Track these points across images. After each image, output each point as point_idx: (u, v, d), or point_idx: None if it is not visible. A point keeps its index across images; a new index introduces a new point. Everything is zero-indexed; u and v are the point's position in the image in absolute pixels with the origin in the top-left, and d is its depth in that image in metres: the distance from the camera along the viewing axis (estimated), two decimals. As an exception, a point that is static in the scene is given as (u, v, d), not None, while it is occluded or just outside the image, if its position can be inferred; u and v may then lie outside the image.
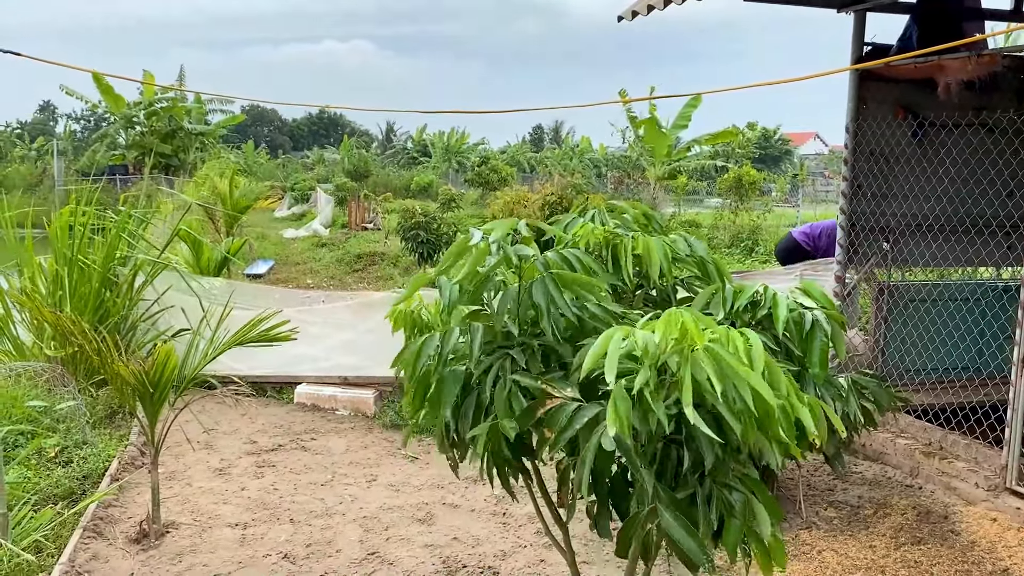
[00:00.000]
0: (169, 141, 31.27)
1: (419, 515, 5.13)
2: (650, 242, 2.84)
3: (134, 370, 4.46)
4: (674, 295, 3.13)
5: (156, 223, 11.02)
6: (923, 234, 6.03)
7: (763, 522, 2.32)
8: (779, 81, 5.47)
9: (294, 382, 7.67)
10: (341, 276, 14.94)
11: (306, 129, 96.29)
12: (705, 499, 2.32)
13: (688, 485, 2.35)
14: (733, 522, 2.32)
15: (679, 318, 2.12)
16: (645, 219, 3.23)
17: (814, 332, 2.95)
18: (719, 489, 2.33)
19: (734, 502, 2.32)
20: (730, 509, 2.32)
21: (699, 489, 2.34)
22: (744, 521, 2.31)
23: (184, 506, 5.23)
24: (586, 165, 53.14)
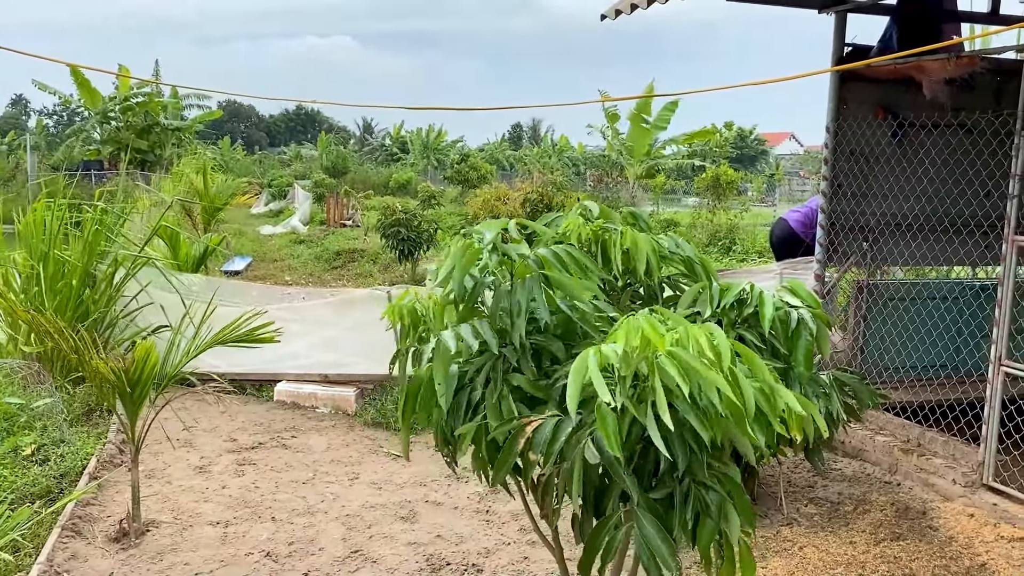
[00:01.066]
0: (145, 136, 30.93)
1: (402, 513, 5.12)
2: (638, 237, 2.85)
3: (114, 367, 4.42)
4: (661, 292, 3.14)
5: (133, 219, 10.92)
6: (902, 233, 6.09)
7: (733, 525, 2.34)
8: (762, 82, 5.51)
9: (274, 380, 7.62)
10: (320, 273, 14.87)
11: (283, 125, 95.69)
12: (683, 498, 2.33)
13: (666, 485, 2.36)
14: (708, 522, 2.33)
15: (637, 326, 2.12)
16: (632, 218, 3.24)
17: (799, 331, 2.97)
18: (697, 488, 2.34)
19: (710, 502, 2.34)
20: (706, 509, 2.33)
21: (677, 488, 2.35)
22: (718, 522, 2.32)
23: (164, 504, 5.19)
24: (565, 164, 53.22)
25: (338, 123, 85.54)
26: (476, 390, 2.58)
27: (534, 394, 2.52)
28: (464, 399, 2.63)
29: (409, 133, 58.10)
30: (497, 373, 2.51)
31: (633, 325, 2.08)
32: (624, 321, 2.13)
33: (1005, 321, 4.77)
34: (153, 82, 32.19)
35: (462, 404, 2.63)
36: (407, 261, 12.52)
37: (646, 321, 2.10)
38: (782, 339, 2.98)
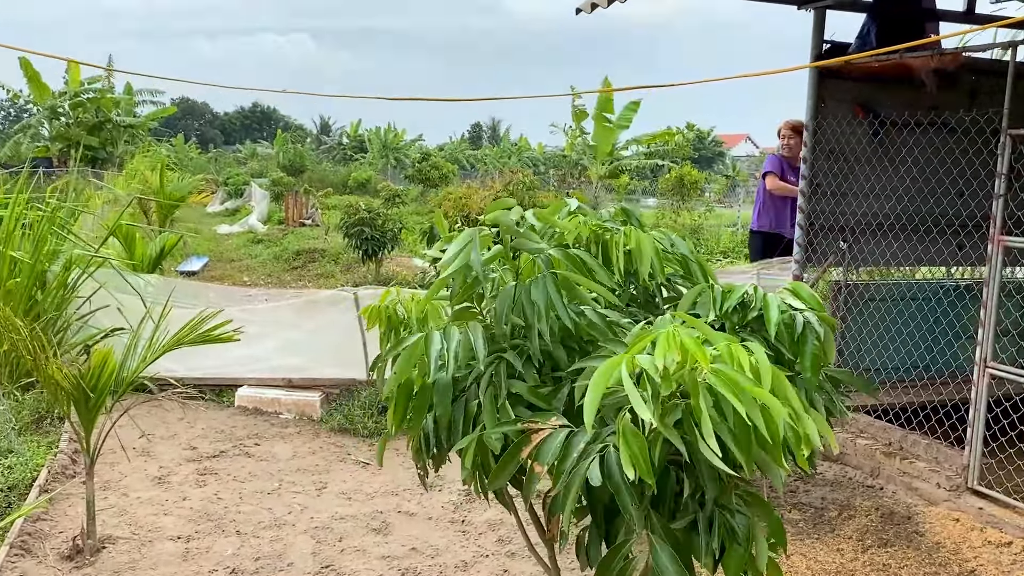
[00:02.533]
0: (96, 133, 30.08)
1: (374, 524, 4.90)
2: (642, 238, 2.67)
3: (69, 374, 4.14)
4: (659, 294, 2.98)
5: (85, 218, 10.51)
6: (883, 234, 6.01)
7: (762, 549, 2.18)
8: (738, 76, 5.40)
9: (235, 384, 7.34)
10: (279, 274, 14.52)
11: (238, 123, 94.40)
12: (707, 526, 2.15)
13: (688, 511, 2.19)
14: (735, 549, 2.16)
15: (677, 336, 1.93)
16: (624, 215, 3.07)
17: (805, 335, 2.82)
18: (721, 513, 2.17)
19: (737, 526, 2.17)
20: (732, 535, 2.17)
21: (700, 514, 2.18)
22: (747, 547, 2.15)
23: (121, 518, 4.91)
24: (524, 163, 53.15)
25: (295, 121, 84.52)
26: (472, 400, 2.38)
27: (535, 403, 2.33)
28: (460, 411, 2.42)
29: (367, 132, 57.55)
30: (500, 378, 2.31)
31: (672, 336, 1.89)
32: (657, 331, 1.93)
33: (990, 322, 4.70)
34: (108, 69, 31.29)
35: (458, 417, 2.42)
36: (371, 261, 12.24)
37: (684, 332, 1.91)
38: (788, 344, 2.83)
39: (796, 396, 2.13)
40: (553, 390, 2.36)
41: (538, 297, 2.27)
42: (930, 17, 6.10)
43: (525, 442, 2.12)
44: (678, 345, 1.87)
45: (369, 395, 6.81)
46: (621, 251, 2.65)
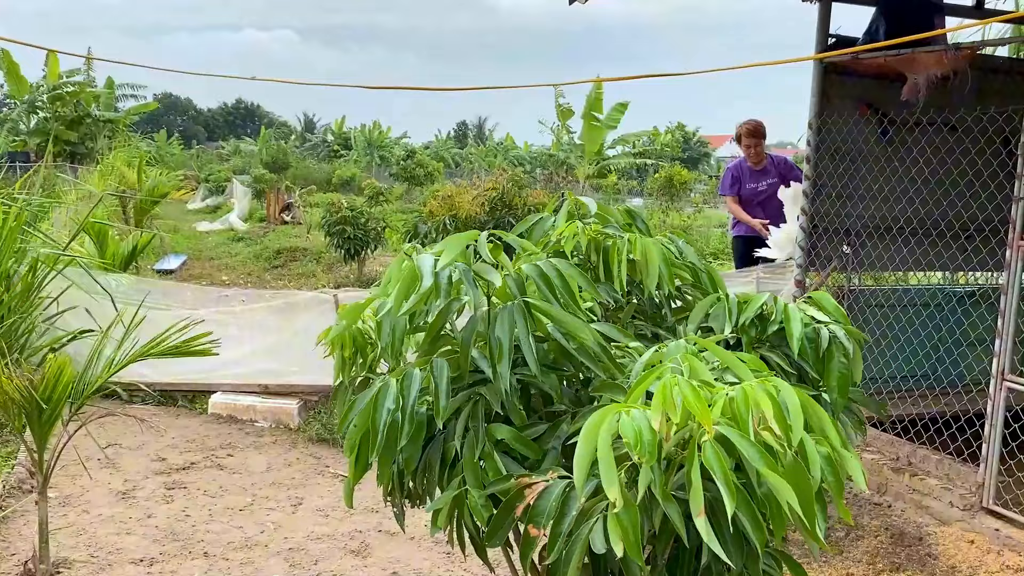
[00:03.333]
0: (75, 128, 29.52)
1: (352, 545, 4.58)
2: (649, 245, 2.36)
3: (19, 385, 3.79)
4: (667, 306, 2.67)
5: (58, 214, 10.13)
6: (891, 237, 5.75)
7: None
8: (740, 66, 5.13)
9: (208, 390, 7.00)
10: (259, 273, 14.14)
11: (222, 119, 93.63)
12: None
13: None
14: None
15: (675, 388, 1.61)
16: (628, 218, 2.77)
17: (832, 351, 2.52)
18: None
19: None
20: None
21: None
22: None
23: (79, 538, 4.57)
24: (510, 162, 52.83)
25: (279, 118, 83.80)
26: (451, 440, 2.05)
27: (523, 452, 2.01)
28: (436, 453, 2.10)
29: (352, 129, 57.06)
30: (477, 421, 1.98)
31: (669, 388, 1.58)
32: (662, 385, 1.60)
33: (1009, 332, 4.43)
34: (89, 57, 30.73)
35: (434, 460, 2.10)
36: (353, 261, 11.90)
37: (685, 381, 1.58)
38: (811, 361, 2.54)
39: (837, 431, 1.83)
40: (550, 428, 2.04)
41: (501, 333, 1.94)
42: (939, 12, 5.85)
43: (518, 499, 1.80)
44: (672, 392, 1.55)
45: (349, 403, 6.48)
46: (624, 261, 2.34)
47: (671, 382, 1.59)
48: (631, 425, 1.58)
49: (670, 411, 1.57)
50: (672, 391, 1.59)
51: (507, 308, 1.96)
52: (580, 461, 1.62)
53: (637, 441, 1.56)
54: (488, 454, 1.94)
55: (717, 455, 1.52)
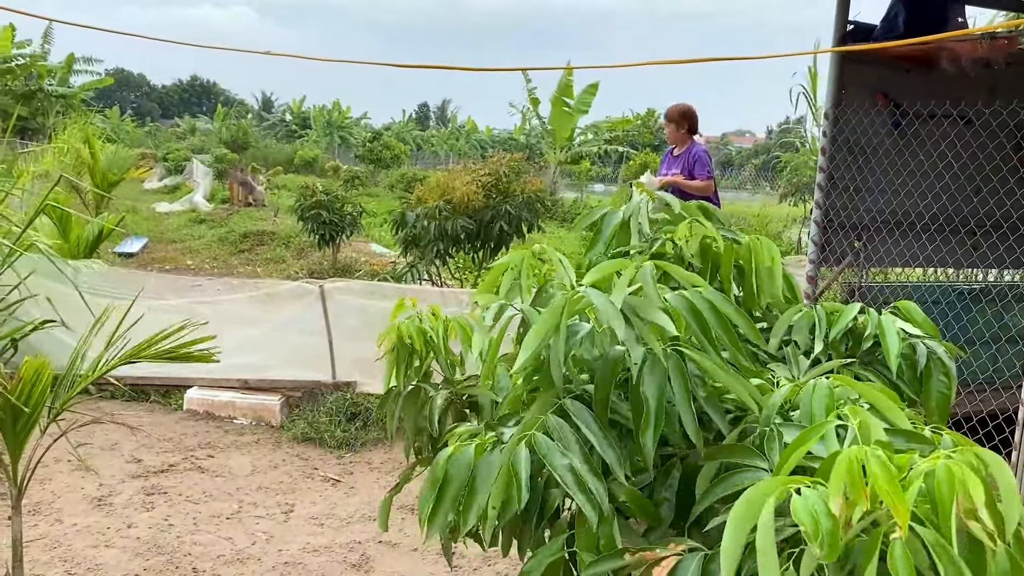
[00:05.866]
0: (26, 103, 28.43)
1: (352, 558, 4.28)
2: (773, 251, 2.08)
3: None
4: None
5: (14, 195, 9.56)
6: (903, 233, 5.56)
7: None
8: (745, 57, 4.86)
9: (183, 385, 6.61)
10: (225, 257, 13.64)
11: (176, 96, 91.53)
12: None
13: None
14: None
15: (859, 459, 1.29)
16: (704, 214, 2.48)
17: (930, 370, 2.29)
18: None
19: None
20: None
21: None
22: None
23: (54, 552, 4.20)
24: (472, 146, 52.35)
25: (236, 96, 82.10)
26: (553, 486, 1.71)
27: (642, 518, 1.70)
28: (535, 503, 1.76)
29: (311, 109, 56.07)
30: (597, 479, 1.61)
31: (853, 461, 1.26)
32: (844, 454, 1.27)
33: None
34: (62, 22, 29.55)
35: (534, 506, 1.76)
36: (328, 247, 11.48)
37: (874, 454, 1.26)
38: (908, 380, 2.30)
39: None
40: (660, 475, 1.73)
41: (650, 391, 1.60)
42: (959, 1, 5.65)
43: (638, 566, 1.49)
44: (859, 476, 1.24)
45: (336, 400, 6.15)
46: (752, 269, 2.05)
47: (858, 455, 1.28)
48: (806, 509, 1.27)
49: (856, 495, 1.26)
50: (858, 467, 1.27)
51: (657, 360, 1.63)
52: (729, 552, 1.31)
53: (816, 530, 1.25)
54: (607, 519, 1.61)
55: (907, 561, 1.21)
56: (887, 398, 1.58)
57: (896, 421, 1.54)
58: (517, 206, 7.63)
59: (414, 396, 2.36)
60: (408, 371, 2.39)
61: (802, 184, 18.68)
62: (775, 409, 1.63)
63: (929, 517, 1.27)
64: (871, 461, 1.26)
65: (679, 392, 1.60)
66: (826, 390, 1.61)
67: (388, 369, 2.41)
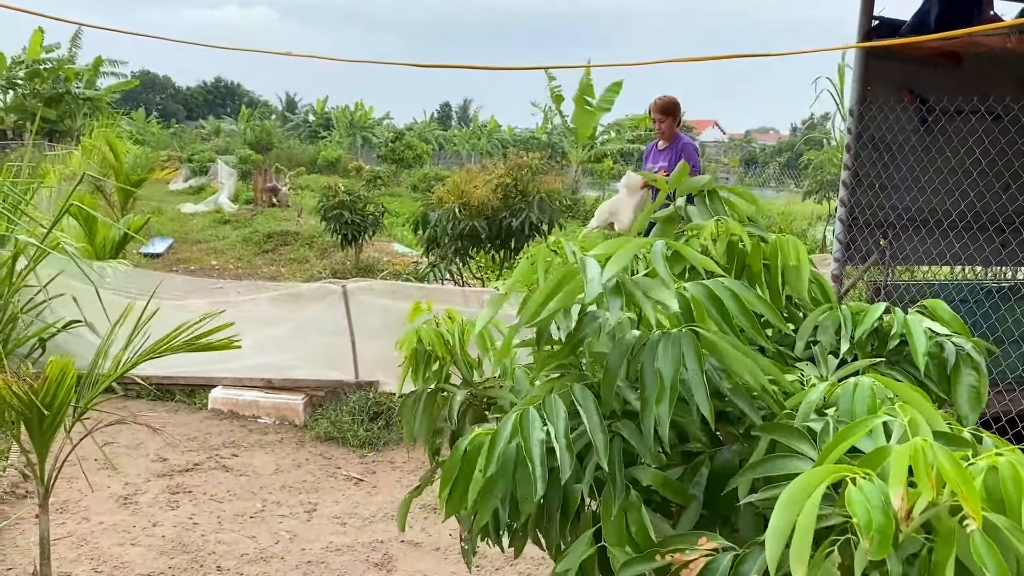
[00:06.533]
0: (54, 105, 28.79)
1: (375, 557, 4.28)
2: (799, 249, 2.05)
3: (18, 390, 3.45)
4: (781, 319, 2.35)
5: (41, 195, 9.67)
6: (929, 230, 5.49)
7: None
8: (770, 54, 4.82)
9: (208, 384, 6.66)
10: (249, 257, 13.72)
11: (201, 98, 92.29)
12: None
13: None
14: None
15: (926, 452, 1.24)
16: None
17: (959, 368, 2.25)
18: None
19: None
20: None
21: None
22: None
23: (81, 550, 4.24)
24: (494, 145, 52.35)
25: (260, 97, 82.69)
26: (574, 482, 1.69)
27: (672, 499, 1.68)
28: (556, 497, 1.75)
29: (334, 109, 56.34)
30: (615, 465, 1.63)
31: (920, 452, 1.21)
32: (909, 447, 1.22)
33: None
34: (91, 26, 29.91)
35: (554, 502, 1.75)
36: (350, 247, 11.52)
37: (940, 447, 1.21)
38: (936, 379, 2.26)
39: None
40: (688, 471, 1.71)
41: (664, 366, 1.57)
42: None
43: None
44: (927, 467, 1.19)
45: (359, 399, 6.17)
46: (778, 267, 2.02)
47: (923, 446, 1.24)
48: (862, 501, 1.22)
49: (923, 485, 1.22)
50: (924, 458, 1.24)
51: (671, 336, 1.61)
52: (775, 536, 1.27)
53: (869, 523, 1.20)
54: (634, 505, 1.60)
55: (991, 549, 1.16)
56: (917, 394, 1.55)
57: (933, 422, 1.51)
58: (535, 206, 7.59)
59: (432, 399, 2.36)
60: (427, 374, 2.39)
61: (827, 181, 18.52)
62: (812, 407, 1.61)
63: (998, 511, 1.24)
64: (937, 452, 1.22)
65: (693, 371, 1.57)
66: (868, 389, 1.58)
67: (402, 373, 2.40)
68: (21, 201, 6.85)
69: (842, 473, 1.26)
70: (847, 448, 1.36)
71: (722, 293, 1.70)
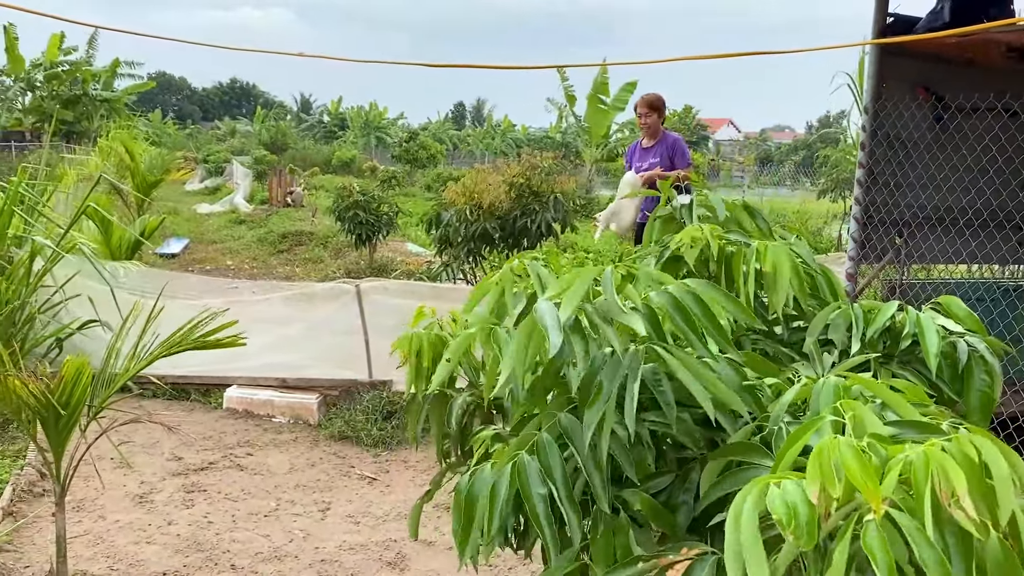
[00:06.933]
0: (72, 107, 29.03)
1: (388, 556, 4.30)
2: (780, 255, 2.04)
3: (35, 389, 3.48)
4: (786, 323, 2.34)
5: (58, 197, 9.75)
6: (945, 229, 5.45)
7: None
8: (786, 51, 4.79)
9: (223, 384, 6.69)
10: (264, 257, 13.80)
11: (217, 99, 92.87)
12: None
13: None
14: None
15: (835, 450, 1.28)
16: (747, 214, 2.45)
17: (971, 368, 2.23)
18: None
19: None
20: None
21: None
22: None
23: (97, 548, 4.27)
24: (508, 145, 52.38)
25: (275, 98, 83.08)
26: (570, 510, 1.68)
27: (659, 526, 1.69)
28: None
29: (348, 109, 56.55)
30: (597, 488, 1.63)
31: (827, 451, 1.26)
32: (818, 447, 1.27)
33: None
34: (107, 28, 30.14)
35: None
36: (364, 247, 11.56)
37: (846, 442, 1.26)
38: (948, 379, 2.24)
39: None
40: (678, 478, 1.71)
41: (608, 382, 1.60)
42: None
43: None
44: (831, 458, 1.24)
45: (372, 399, 6.19)
46: (752, 272, 2.03)
47: (829, 445, 1.27)
48: (782, 499, 1.27)
49: (828, 483, 1.26)
50: (830, 457, 1.27)
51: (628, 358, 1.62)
52: (731, 550, 1.30)
53: (791, 519, 1.25)
54: (623, 528, 1.61)
55: (882, 541, 1.19)
56: (907, 393, 1.55)
57: (905, 415, 1.51)
58: (546, 206, 7.59)
59: (440, 401, 2.36)
60: (430, 378, 2.39)
61: (842, 179, 18.41)
62: (784, 408, 1.61)
63: (910, 505, 1.25)
64: (843, 449, 1.26)
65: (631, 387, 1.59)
66: (834, 387, 1.58)
67: (409, 376, 2.41)
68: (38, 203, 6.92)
69: (773, 479, 1.29)
70: (798, 451, 1.37)
71: (684, 298, 1.69)
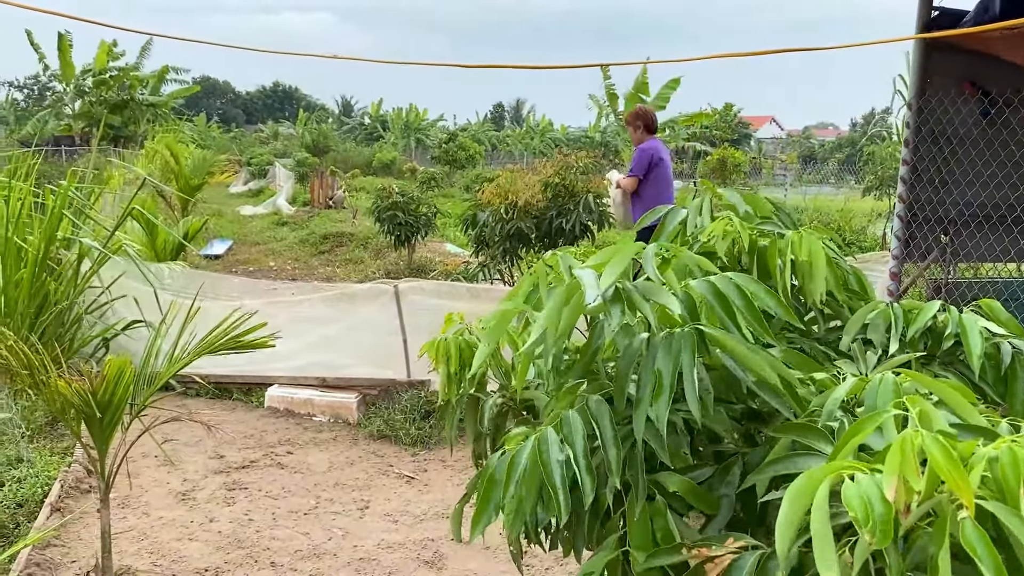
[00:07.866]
0: (119, 112, 29.65)
1: (425, 555, 4.31)
2: (815, 247, 2.02)
3: (78, 389, 3.55)
4: (822, 317, 2.31)
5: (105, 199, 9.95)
6: (992, 226, 5.33)
7: None
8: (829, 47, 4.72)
9: (264, 383, 6.78)
10: (306, 258, 13.95)
11: (260, 102, 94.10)
12: None
13: None
14: None
15: (916, 442, 1.23)
16: (775, 210, 2.42)
17: (1015, 370, 2.18)
18: None
19: None
20: None
21: None
22: None
23: (141, 544, 4.35)
24: (547, 144, 52.35)
25: (317, 100, 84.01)
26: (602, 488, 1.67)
27: (699, 507, 1.67)
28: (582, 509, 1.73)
29: (389, 112, 56.94)
30: (636, 469, 1.63)
31: (909, 442, 1.21)
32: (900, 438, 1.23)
33: None
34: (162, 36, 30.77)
35: (581, 512, 1.74)
36: (403, 247, 11.63)
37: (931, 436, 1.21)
38: (991, 381, 2.19)
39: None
40: (719, 471, 1.69)
41: (662, 366, 1.57)
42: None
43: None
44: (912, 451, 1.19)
45: (411, 398, 6.22)
46: (788, 266, 2.00)
47: (913, 437, 1.23)
48: (858, 494, 1.23)
49: (911, 477, 1.21)
50: (912, 449, 1.23)
51: (672, 336, 1.59)
52: (784, 528, 1.28)
53: (867, 516, 1.20)
54: (660, 511, 1.60)
55: (982, 536, 1.16)
56: (959, 393, 1.51)
57: (965, 416, 1.47)
58: (583, 205, 7.56)
59: (472, 404, 2.37)
60: (462, 382, 2.40)
61: (887, 177, 18.11)
62: (837, 403, 1.58)
63: (996, 499, 1.22)
64: (929, 443, 1.21)
65: (686, 364, 1.56)
66: (892, 384, 1.55)
67: (442, 380, 2.43)
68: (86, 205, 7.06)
69: (844, 469, 1.25)
70: (858, 444, 1.34)
71: (727, 289, 1.67)
